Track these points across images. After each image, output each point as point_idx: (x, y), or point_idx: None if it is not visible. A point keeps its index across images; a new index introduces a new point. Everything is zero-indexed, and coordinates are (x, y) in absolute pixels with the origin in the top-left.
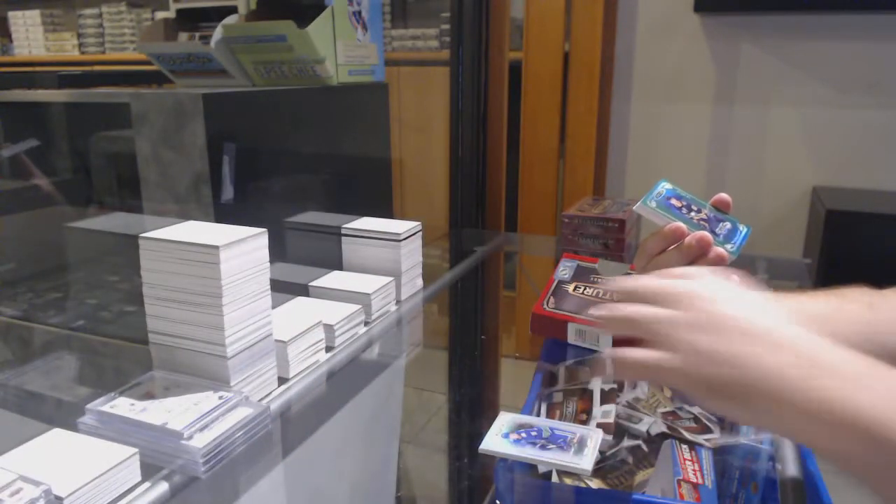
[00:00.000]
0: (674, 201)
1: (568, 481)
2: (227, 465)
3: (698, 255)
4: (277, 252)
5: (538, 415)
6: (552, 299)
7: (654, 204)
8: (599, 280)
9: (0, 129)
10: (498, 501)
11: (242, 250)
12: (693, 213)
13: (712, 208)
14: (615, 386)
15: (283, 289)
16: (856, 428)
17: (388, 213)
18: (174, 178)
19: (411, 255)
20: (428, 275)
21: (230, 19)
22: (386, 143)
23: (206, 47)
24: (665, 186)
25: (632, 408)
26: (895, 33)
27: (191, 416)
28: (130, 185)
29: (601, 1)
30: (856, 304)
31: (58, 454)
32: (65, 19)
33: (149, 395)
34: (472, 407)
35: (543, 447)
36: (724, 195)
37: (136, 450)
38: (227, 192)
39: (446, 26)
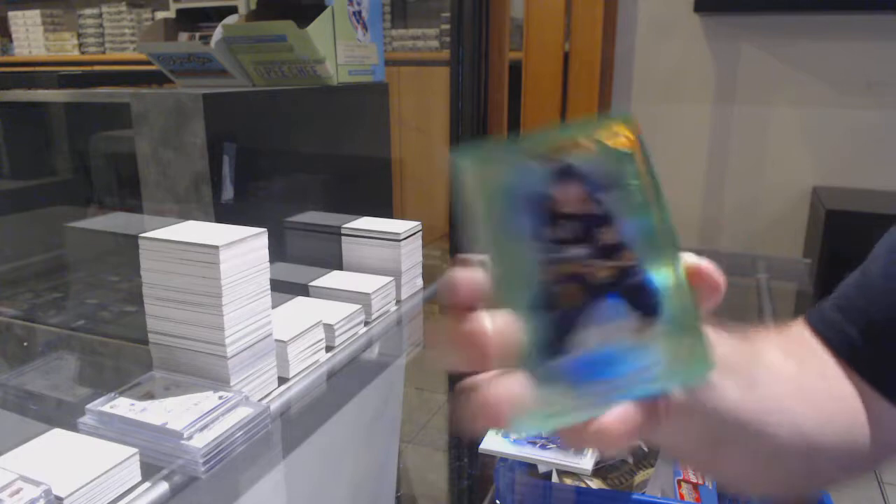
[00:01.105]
0: (561, 187)
1: (568, 481)
2: (227, 465)
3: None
4: (277, 252)
5: None
6: None
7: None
8: None
9: None
10: (498, 501)
11: (242, 250)
12: (577, 225)
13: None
14: None
15: (283, 289)
16: None
17: (388, 213)
18: (174, 178)
19: (411, 255)
20: (428, 275)
21: (230, 19)
22: (386, 143)
23: (206, 47)
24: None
25: None
26: (895, 33)
27: (191, 416)
28: (130, 185)
29: (601, 1)
30: (824, 382)
31: (58, 454)
32: (65, 19)
33: (149, 395)
34: None
35: (543, 447)
36: (707, 267)
37: (136, 450)
38: (227, 192)
39: (446, 26)
